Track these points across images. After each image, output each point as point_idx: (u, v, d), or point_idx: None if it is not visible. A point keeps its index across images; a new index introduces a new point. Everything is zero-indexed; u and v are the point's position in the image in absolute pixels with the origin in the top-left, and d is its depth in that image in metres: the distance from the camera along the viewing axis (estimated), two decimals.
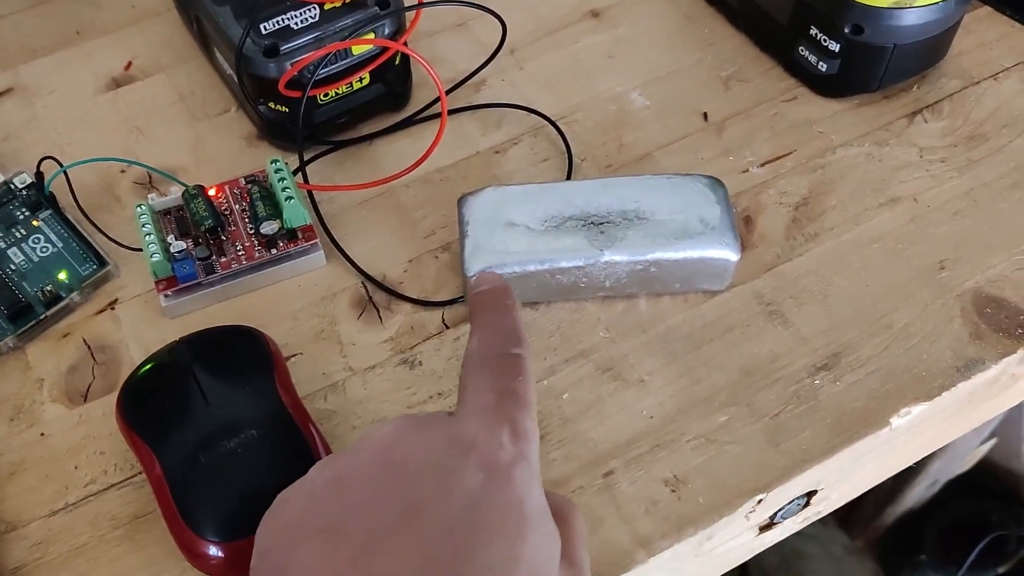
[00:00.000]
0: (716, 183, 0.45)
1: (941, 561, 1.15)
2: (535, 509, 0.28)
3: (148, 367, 0.42)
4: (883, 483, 1.15)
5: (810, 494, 0.45)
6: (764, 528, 0.45)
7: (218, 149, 0.53)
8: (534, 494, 0.29)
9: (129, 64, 0.57)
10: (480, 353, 0.33)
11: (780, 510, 0.44)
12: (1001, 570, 1.16)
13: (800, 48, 0.52)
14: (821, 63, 0.51)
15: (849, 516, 1.21)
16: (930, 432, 0.47)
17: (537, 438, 0.30)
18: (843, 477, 0.45)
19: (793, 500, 0.44)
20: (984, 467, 1.16)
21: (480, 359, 0.33)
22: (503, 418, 0.29)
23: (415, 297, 0.46)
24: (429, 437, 0.29)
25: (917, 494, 1.15)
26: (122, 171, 0.52)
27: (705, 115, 0.53)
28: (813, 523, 0.43)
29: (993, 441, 1.12)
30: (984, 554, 1.13)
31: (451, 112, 0.53)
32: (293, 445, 0.38)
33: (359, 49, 0.49)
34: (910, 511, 1.17)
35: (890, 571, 1.20)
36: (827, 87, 0.53)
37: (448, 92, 0.53)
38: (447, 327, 0.45)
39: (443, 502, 0.27)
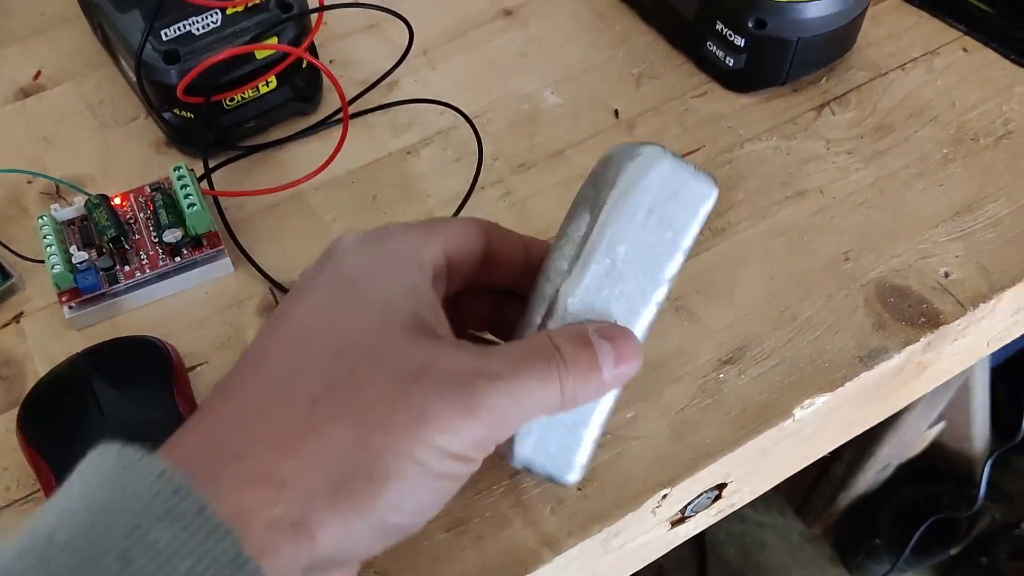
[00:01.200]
0: None
1: (894, 545, 1.17)
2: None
3: (47, 381, 0.41)
4: (835, 469, 1.17)
5: (720, 487, 0.45)
6: (676, 523, 0.46)
7: (127, 157, 0.52)
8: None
9: (38, 74, 0.56)
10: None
11: (690, 503, 0.44)
12: (953, 551, 1.18)
13: (708, 44, 0.52)
14: (728, 58, 0.51)
15: (805, 504, 1.23)
16: (839, 423, 0.48)
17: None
18: (753, 469, 0.45)
19: (702, 493, 0.44)
20: (934, 450, 1.18)
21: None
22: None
23: None
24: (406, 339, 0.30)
25: (869, 479, 1.16)
26: (28, 182, 0.51)
27: (616, 112, 0.53)
28: (771, 514, 0.43)
29: (942, 424, 1.13)
30: (936, 537, 1.15)
31: (362, 113, 0.53)
32: None
33: (263, 53, 0.48)
34: (863, 496, 1.18)
35: (846, 556, 1.21)
36: (736, 82, 0.53)
37: (360, 96, 0.53)
38: None
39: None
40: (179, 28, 0.47)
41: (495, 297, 0.39)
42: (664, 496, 0.41)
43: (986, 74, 0.54)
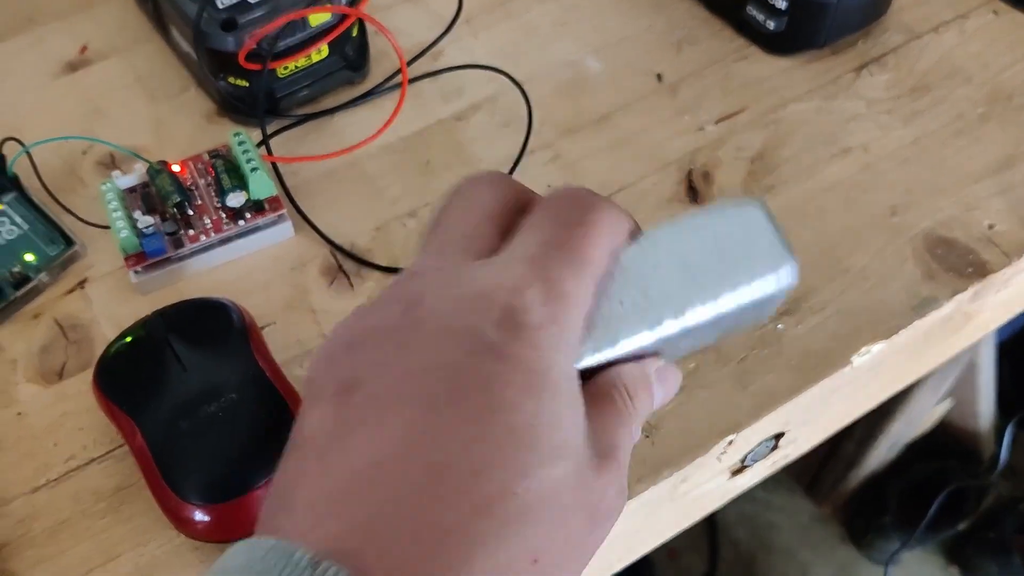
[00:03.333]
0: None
1: (904, 521, 1.18)
2: (555, 379, 0.25)
3: (124, 340, 0.42)
4: (845, 447, 1.18)
5: (778, 436, 0.46)
6: (736, 472, 0.47)
7: (179, 128, 0.53)
8: (557, 362, 0.25)
9: (84, 48, 0.57)
10: (552, 203, 0.28)
11: (750, 452, 0.45)
12: (961, 526, 1.19)
13: (748, 8, 0.53)
14: (769, 21, 0.53)
15: (814, 484, 1.24)
16: (891, 372, 0.49)
17: (580, 302, 0.26)
18: (810, 418, 0.46)
19: (762, 442, 0.45)
20: (942, 428, 1.19)
21: (549, 206, 0.28)
22: (538, 274, 0.25)
23: (384, 265, 0.47)
24: (457, 292, 0.26)
25: (878, 457, 1.17)
26: (84, 152, 0.52)
27: (659, 76, 0.54)
28: (780, 494, 0.44)
29: (949, 401, 1.15)
30: (945, 512, 1.16)
31: (412, 80, 0.54)
32: (273, 405, 0.39)
33: (316, 20, 0.49)
34: (872, 475, 1.19)
35: (855, 535, 1.22)
36: (776, 45, 0.54)
37: (410, 63, 0.54)
38: None
39: (453, 361, 0.24)
40: None
41: None
42: (730, 442, 0.42)
43: (1017, 35, 0.55)
